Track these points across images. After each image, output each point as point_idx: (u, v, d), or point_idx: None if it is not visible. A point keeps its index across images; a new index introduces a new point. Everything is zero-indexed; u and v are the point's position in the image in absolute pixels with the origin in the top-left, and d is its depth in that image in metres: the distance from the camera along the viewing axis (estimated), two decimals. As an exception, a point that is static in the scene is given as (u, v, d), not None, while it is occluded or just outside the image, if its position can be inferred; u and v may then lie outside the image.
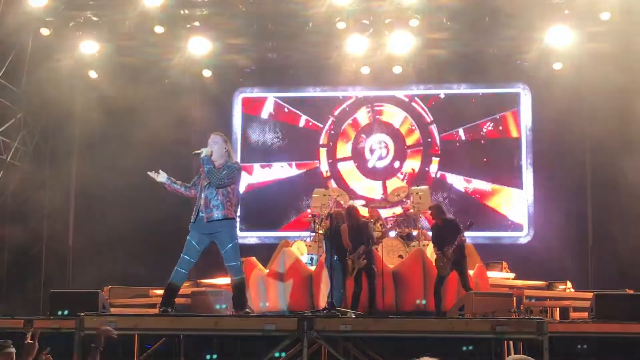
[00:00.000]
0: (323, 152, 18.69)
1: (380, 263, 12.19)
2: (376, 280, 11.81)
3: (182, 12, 16.96)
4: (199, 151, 9.04)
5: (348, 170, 18.58)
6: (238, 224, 16.97)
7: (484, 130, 18.28)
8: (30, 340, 5.91)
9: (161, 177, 9.28)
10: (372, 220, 14.15)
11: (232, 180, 8.91)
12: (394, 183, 17.88)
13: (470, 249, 13.30)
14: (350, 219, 12.14)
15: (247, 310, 9.09)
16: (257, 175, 18.66)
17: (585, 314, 11.39)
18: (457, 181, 18.21)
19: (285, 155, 18.73)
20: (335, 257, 11.74)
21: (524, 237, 17.87)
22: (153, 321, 8.61)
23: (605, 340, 9.19)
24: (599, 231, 17.08)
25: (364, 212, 15.01)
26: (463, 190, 18.14)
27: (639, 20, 16.29)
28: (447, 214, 12.19)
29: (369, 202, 16.50)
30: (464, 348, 9.28)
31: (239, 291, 8.95)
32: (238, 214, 17.46)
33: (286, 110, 18.83)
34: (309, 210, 15.58)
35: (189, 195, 9.23)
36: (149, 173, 9.31)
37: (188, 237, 8.98)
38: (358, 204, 14.11)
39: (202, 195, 8.91)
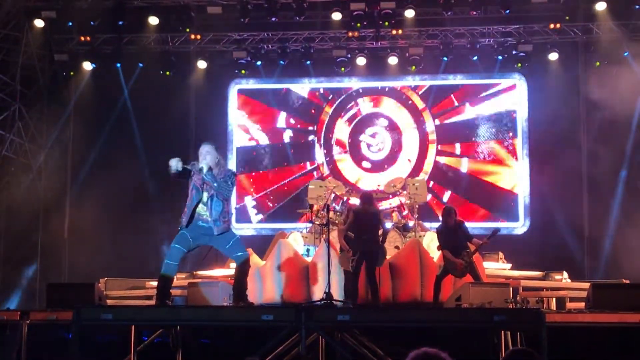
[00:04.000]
0: (318, 142, 18.66)
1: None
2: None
3: (176, 2, 16.97)
4: (199, 168, 8.63)
5: (344, 162, 18.57)
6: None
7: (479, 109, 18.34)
8: None
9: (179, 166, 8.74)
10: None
11: (234, 186, 8.91)
12: (390, 174, 17.86)
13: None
14: (364, 203, 11.94)
15: (250, 302, 9.05)
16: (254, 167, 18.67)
17: (582, 304, 11.41)
18: (456, 163, 18.25)
19: (282, 149, 18.69)
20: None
21: (520, 227, 17.89)
22: (150, 313, 8.59)
23: (602, 330, 9.19)
24: (595, 221, 17.10)
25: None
26: (462, 170, 18.21)
27: (633, 11, 16.37)
28: (456, 216, 12.03)
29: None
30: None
31: (240, 281, 8.92)
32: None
33: (281, 100, 18.83)
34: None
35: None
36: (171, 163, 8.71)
37: (183, 231, 8.84)
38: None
39: (205, 207, 8.72)
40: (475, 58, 17.68)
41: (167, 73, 17.96)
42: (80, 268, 16.51)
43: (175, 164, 8.67)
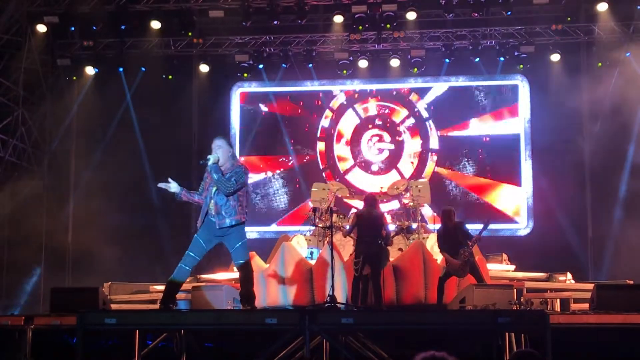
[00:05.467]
0: (321, 145, 18.67)
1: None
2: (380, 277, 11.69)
3: (179, 6, 16.99)
4: (206, 160, 8.74)
5: (346, 163, 18.58)
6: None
7: (483, 125, 18.30)
8: None
9: (174, 187, 8.95)
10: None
11: (241, 185, 8.73)
12: (387, 179, 17.81)
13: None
14: (367, 206, 11.99)
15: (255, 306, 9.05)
16: (255, 168, 18.64)
17: (586, 305, 11.40)
18: (455, 177, 18.22)
19: (284, 149, 18.69)
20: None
21: (523, 229, 17.87)
22: (154, 317, 8.58)
23: (606, 331, 9.18)
24: (599, 222, 17.09)
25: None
26: (461, 185, 18.17)
27: (635, 11, 16.38)
28: (455, 217, 11.99)
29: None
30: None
31: (247, 286, 8.91)
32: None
33: (284, 103, 18.81)
34: (310, 204, 15.58)
35: (201, 202, 9.02)
36: (159, 185, 9.01)
37: (196, 235, 8.84)
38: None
39: (212, 201, 8.72)
40: (477, 60, 17.68)
41: (170, 77, 17.98)
42: (84, 272, 16.52)
43: (173, 187, 8.95)
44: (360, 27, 16.88)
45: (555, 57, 17.36)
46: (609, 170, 16.74)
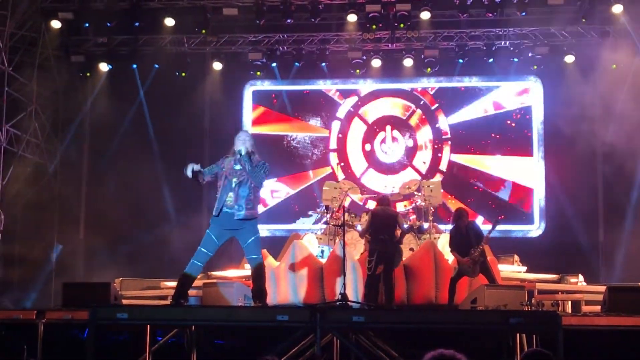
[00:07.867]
0: (334, 157, 18.64)
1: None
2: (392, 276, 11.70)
3: (193, 4, 17.00)
4: (238, 149, 8.77)
5: (358, 164, 18.54)
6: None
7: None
8: None
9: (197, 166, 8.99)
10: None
11: (267, 178, 8.95)
12: (405, 176, 17.78)
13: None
14: (381, 205, 12.06)
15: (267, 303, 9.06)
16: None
17: (597, 308, 11.37)
18: (472, 161, 18.21)
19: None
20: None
21: (535, 230, 17.81)
22: (165, 312, 8.61)
23: (617, 333, 9.15)
24: (610, 224, 17.02)
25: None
26: (478, 167, 18.17)
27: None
28: (468, 218, 12.00)
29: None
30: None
31: (259, 283, 8.92)
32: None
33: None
34: (319, 202, 15.60)
35: (202, 183, 9.14)
36: (192, 169, 8.90)
37: (208, 230, 8.89)
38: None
39: (231, 193, 8.75)
40: (491, 60, 17.62)
41: (183, 74, 17.99)
42: (95, 268, 16.58)
43: (188, 171, 8.90)
44: (374, 27, 16.84)
45: (569, 59, 17.28)
46: (621, 173, 16.64)
